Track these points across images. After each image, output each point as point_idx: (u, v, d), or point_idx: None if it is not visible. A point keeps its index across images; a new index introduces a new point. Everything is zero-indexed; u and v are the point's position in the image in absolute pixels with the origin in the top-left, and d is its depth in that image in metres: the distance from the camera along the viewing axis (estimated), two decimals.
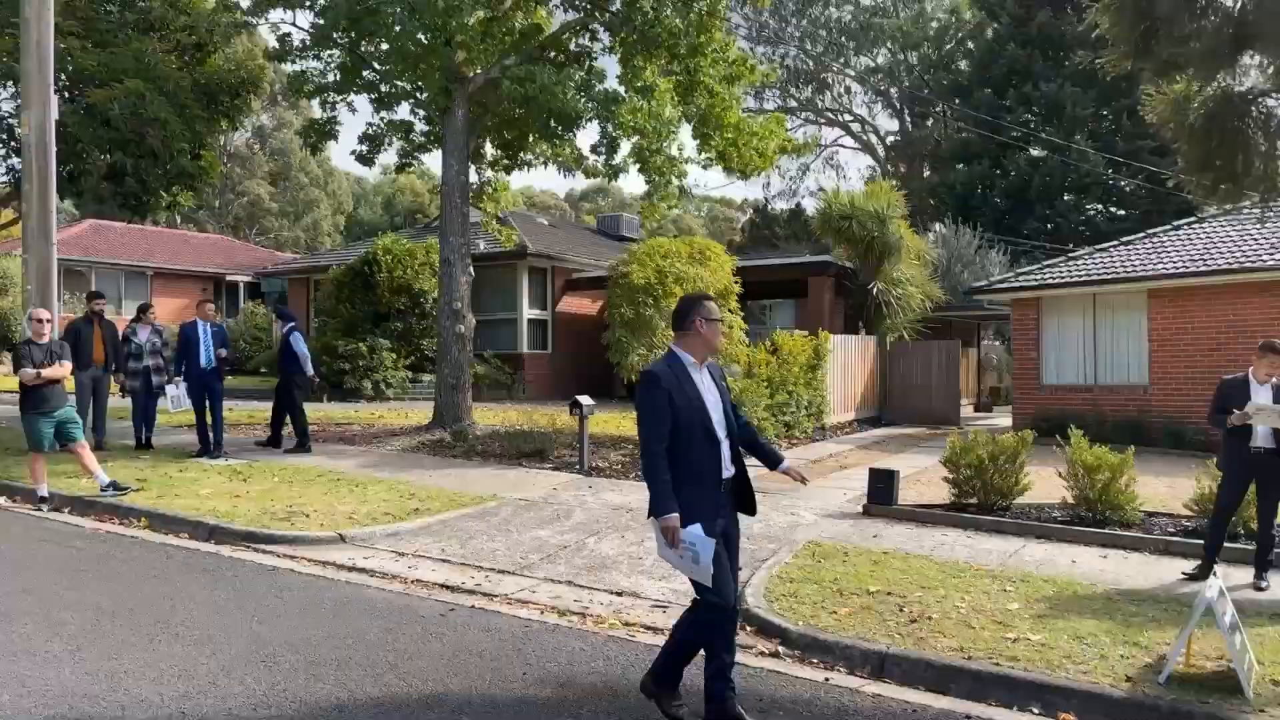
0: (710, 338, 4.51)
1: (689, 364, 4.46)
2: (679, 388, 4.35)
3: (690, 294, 4.84)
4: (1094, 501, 8.62)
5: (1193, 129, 6.04)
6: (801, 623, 5.92)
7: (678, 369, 4.43)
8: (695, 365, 4.48)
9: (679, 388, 4.35)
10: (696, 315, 4.45)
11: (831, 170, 63.19)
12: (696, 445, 4.33)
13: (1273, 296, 14.66)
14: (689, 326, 4.46)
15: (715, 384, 4.54)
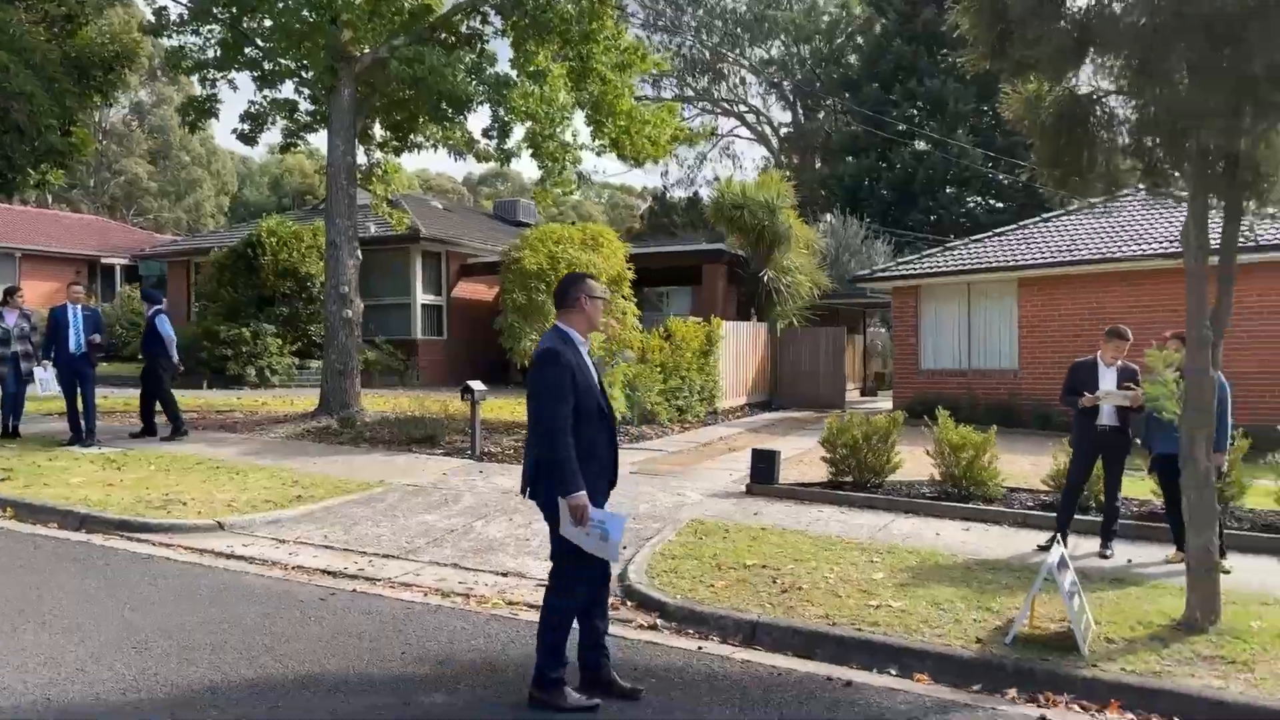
0: (593, 314, 4.55)
1: (579, 342, 4.49)
2: (578, 365, 4.36)
3: (571, 273, 4.91)
4: (959, 478, 9.11)
5: (1044, 126, 6.42)
6: (679, 596, 6.12)
7: (571, 347, 4.41)
8: (583, 342, 4.53)
9: (578, 365, 4.36)
10: (580, 292, 4.49)
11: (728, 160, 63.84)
12: (593, 424, 4.37)
13: (1132, 285, 15.63)
14: (573, 304, 4.49)
15: (592, 363, 4.61)
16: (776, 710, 4.49)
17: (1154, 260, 15.14)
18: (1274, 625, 5.59)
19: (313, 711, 4.31)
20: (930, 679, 5.05)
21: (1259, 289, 14.57)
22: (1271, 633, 5.45)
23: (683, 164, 53.68)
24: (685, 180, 55.05)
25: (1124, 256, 15.66)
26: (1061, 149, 6.30)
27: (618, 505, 8.91)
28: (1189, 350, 5.55)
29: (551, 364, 4.29)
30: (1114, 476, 7.59)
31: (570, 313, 4.51)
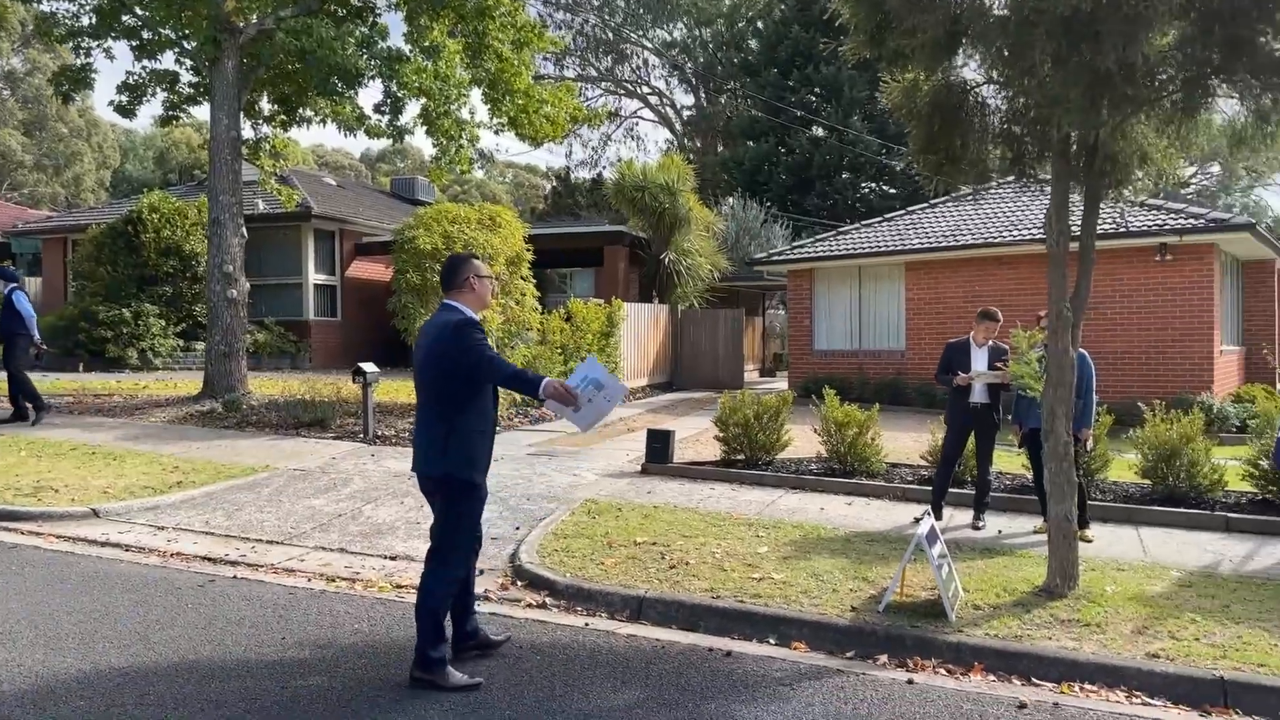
0: (483, 294, 4.59)
1: (478, 319, 4.53)
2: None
3: (457, 253, 4.88)
4: (844, 455, 9.41)
5: (919, 115, 6.66)
6: (569, 574, 6.18)
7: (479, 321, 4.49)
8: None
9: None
10: (469, 272, 4.52)
11: (633, 142, 64.17)
12: (488, 398, 4.48)
13: (1011, 269, 16.31)
14: (462, 284, 4.52)
15: None
16: (656, 681, 4.59)
17: (1030, 245, 15.82)
18: (1126, 589, 5.97)
19: (185, 698, 4.22)
20: (807, 647, 5.24)
21: (1127, 273, 15.39)
22: (1124, 596, 5.82)
23: (587, 145, 53.54)
24: (589, 161, 54.91)
25: (1002, 241, 16.30)
26: (935, 136, 6.54)
27: (514, 485, 8.93)
28: (1050, 330, 5.86)
29: (473, 326, 4.37)
30: (985, 451, 7.95)
31: (460, 292, 4.53)
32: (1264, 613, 5.60)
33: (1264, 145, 5.59)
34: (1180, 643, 5.09)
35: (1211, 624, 5.37)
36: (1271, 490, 8.25)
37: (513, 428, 13.10)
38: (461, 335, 4.33)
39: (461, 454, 4.37)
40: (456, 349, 4.33)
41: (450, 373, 4.35)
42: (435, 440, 4.39)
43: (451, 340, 4.35)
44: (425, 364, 4.44)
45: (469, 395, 4.37)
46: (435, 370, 4.39)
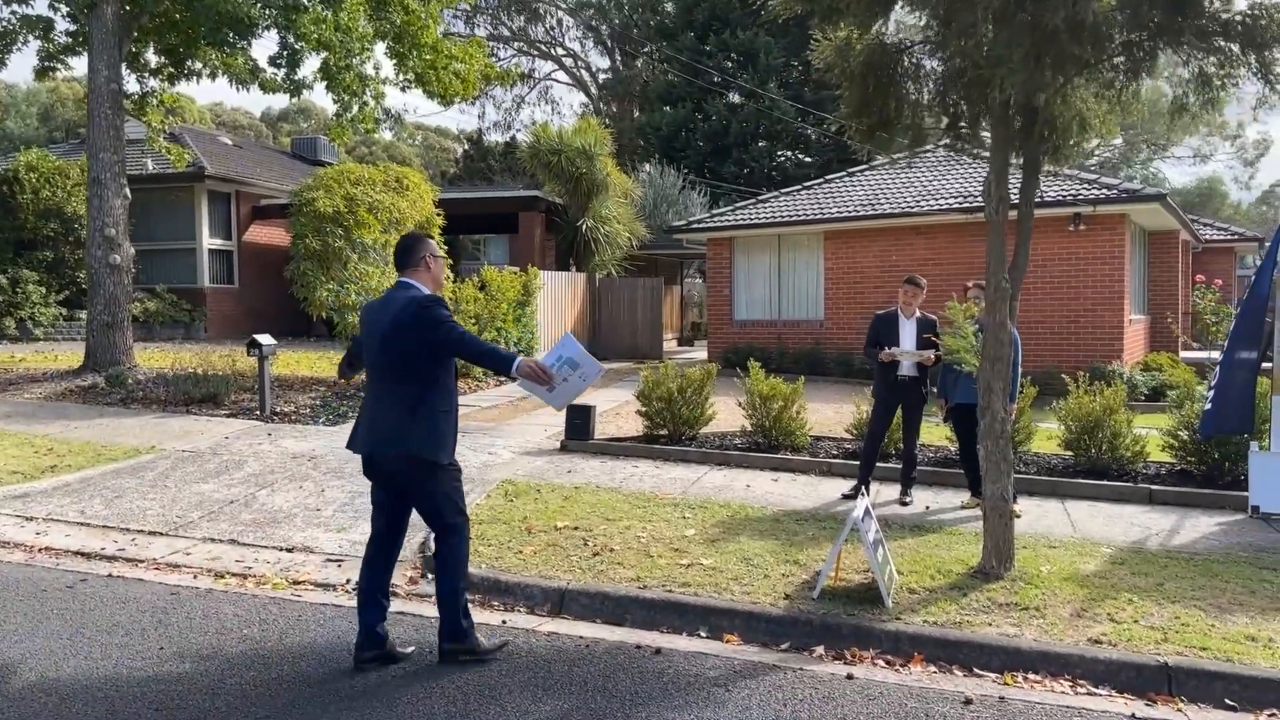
0: (438, 273, 4.54)
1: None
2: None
3: (412, 232, 4.78)
4: (769, 429, 9.15)
5: (852, 75, 6.32)
6: (485, 565, 5.74)
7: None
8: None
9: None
10: (425, 252, 4.46)
11: (547, 105, 62.81)
12: (452, 375, 4.42)
13: (927, 239, 16.30)
14: (418, 263, 4.43)
15: None
16: (580, 687, 4.22)
17: (947, 215, 15.82)
18: (1061, 569, 5.82)
19: None
20: (739, 639, 4.93)
21: (1041, 244, 15.50)
22: (1059, 576, 5.67)
23: (500, 106, 52.38)
24: (502, 124, 53.69)
25: (919, 211, 16.28)
26: (869, 99, 6.22)
27: None
28: (988, 303, 5.63)
29: (443, 304, 4.33)
30: (913, 425, 7.77)
31: (415, 271, 4.45)
32: (1196, 590, 5.51)
33: (1204, 111, 5.42)
34: (1120, 625, 4.94)
35: (1149, 604, 5.24)
36: (1190, 461, 8.29)
37: None
38: (428, 311, 4.24)
39: (428, 434, 4.28)
40: (424, 325, 4.22)
41: (414, 351, 4.24)
42: (399, 421, 4.26)
43: (416, 316, 4.23)
44: (386, 342, 4.29)
45: (435, 373, 4.30)
46: (399, 348, 4.27)
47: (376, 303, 4.53)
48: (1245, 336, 6.16)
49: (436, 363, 4.29)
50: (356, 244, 11.88)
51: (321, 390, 12.52)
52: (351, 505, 7.13)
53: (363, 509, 7.00)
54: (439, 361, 4.29)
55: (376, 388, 4.37)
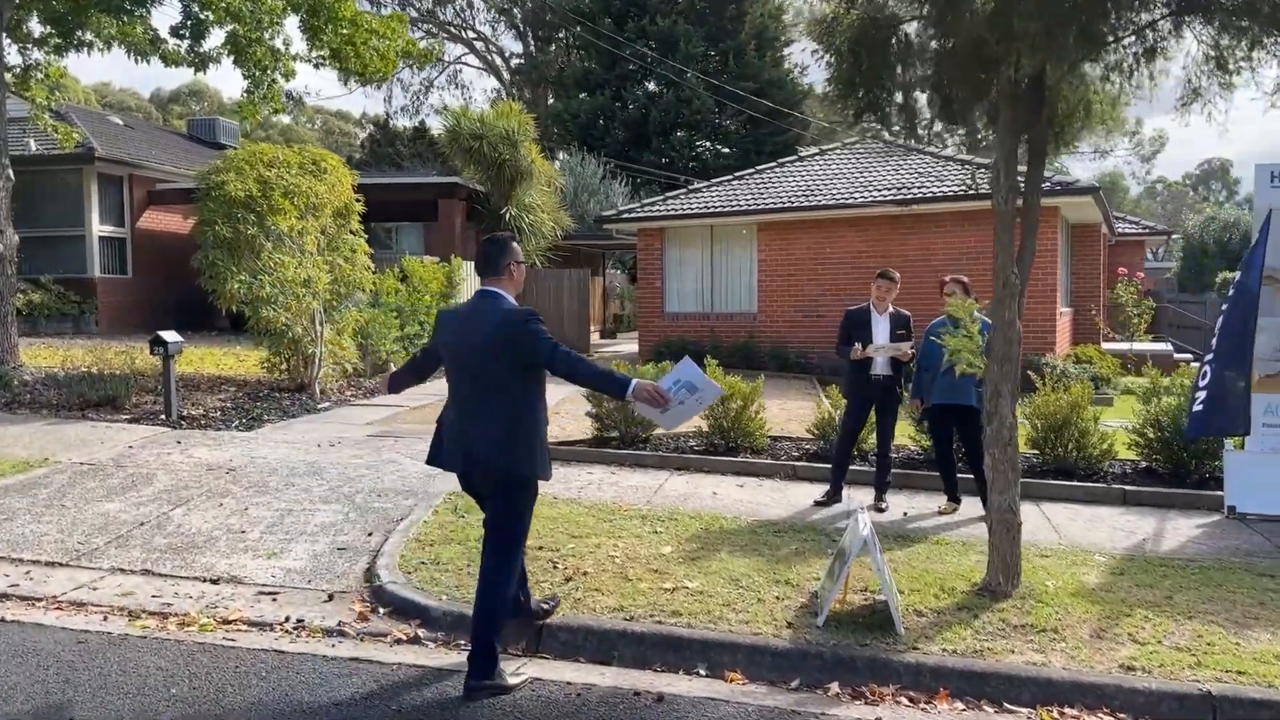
0: (520, 281, 4.44)
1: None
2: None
3: (498, 235, 4.52)
4: (728, 430, 8.68)
5: (839, 53, 5.86)
6: (445, 597, 5.09)
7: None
8: None
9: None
10: (511, 259, 4.35)
11: (457, 90, 61.29)
12: (545, 390, 4.32)
13: (863, 230, 16.08)
14: (503, 270, 4.33)
15: None
16: None
17: (884, 207, 15.63)
18: (1065, 583, 5.49)
19: None
20: (744, 677, 4.42)
21: (975, 236, 15.44)
22: (1067, 591, 5.33)
23: (408, 90, 50.76)
24: (410, 108, 52.20)
25: (854, 203, 16.05)
26: (862, 78, 5.76)
27: (361, 477, 7.66)
28: (995, 300, 5.22)
29: (540, 319, 4.22)
30: (887, 427, 7.38)
31: (499, 279, 4.34)
32: (1206, 602, 5.24)
33: (1219, 97, 5.11)
34: (1145, 648, 4.60)
35: (1166, 621, 4.93)
36: (1157, 459, 8.14)
37: (345, 402, 11.66)
38: (529, 327, 4.15)
39: (530, 450, 4.23)
40: (526, 340, 4.13)
41: (518, 366, 4.17)
42: (501, 439, 4.18)
43: (519, 331, 4.14)
44: (489, 352, 4.17)
45: (535, 389, 4.26)
46: (506, 362, 4.16)
47: (460, 312, 4.43)
48: (1237, 336, 5.93)
49: (538, 380, 4.26)
50: (271, 231, 10.91)
51: (231, 391, 11.54)
52: (280, 525, 6.35)
53: (294, 529, 6.25)
54: (540, 379, 4.26)
55: (470, 403, 4.25)
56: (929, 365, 7.07)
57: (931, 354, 7.04)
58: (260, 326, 11.06)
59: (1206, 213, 36.98)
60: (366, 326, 13.37)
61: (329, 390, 12.08)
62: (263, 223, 10.75)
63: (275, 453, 8.41)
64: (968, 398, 6.90)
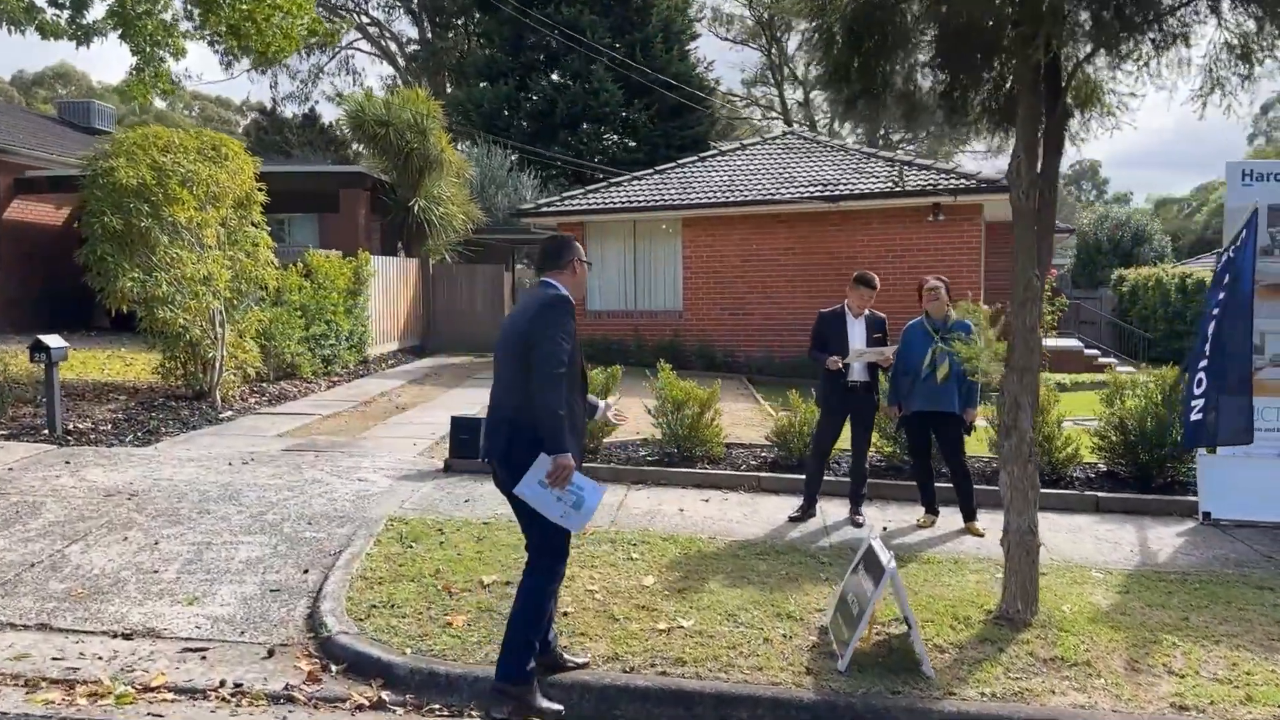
0: (583, 279, 4.32)
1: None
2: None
3: (559, 234, 4.64)
4: (683, 439, 8.15)
5: (831, 35, 5.38)
6: (409, 649, 4.39)
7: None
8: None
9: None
10: (573, 256, 4.20)
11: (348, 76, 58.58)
12: (577, 388, 4.08)
13: (790, 226, 15.80)
14: (565, 266, 4.17)
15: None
16: None
17: (812, 203, 15.38)
18: (1078, 605, 5.15)
19: None
20: None
21: (900, 234, 15.34)
22: (1084, 616, 4.98)
23: (295, 76, 48.55)
24: (299, 95, 49.96)
25: (782, 200, 15.74)
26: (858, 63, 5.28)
27: (285, 500, 6.83)
28: (1016, 304, 4.82)
29: (566, 310, 3.99)
30: (863, 436, 6.96)
31: (560, 274, 4.17)
32: (1222, 623, 4.98)
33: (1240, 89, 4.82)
34: (1186, 681, 4.27)
35: (1194, 647, 4.62)
36: (1120, 463, 7.99)
37: (249, 410, 10.67)
38: (548, 311, 3.94)
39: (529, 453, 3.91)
40: (534, 320, 3.93)
41: (523, 353, 3.90)
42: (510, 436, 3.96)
43: (542, 313, 3.94)
44: (518, 338, 3.98)
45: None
46: (513, 349, 4.00)
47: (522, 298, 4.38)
48: (1236, 342, 5.71)
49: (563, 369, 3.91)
50: (167, 224, 9.83)
51: (122, 400, 10.42)
52: (199, 563, 5.51)
53: (216, 567, 5.42)
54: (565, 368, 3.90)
55: (494, 394, 4.14)
56: (908, 370, 6.67)
57: (910, 358, 6.65)
58: (155, 328, 9.98)
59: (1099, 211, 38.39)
60: (270, 327, 12.33)
61: (231, 397, 11.05)
62: (158, 214, 9.67)
63: (182, 473, 7.46)
64: (950, 404, 6.54)
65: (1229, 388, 5.64)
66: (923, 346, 6.57)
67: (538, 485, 3.83)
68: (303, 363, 13.14)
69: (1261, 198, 6.76)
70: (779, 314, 15.92)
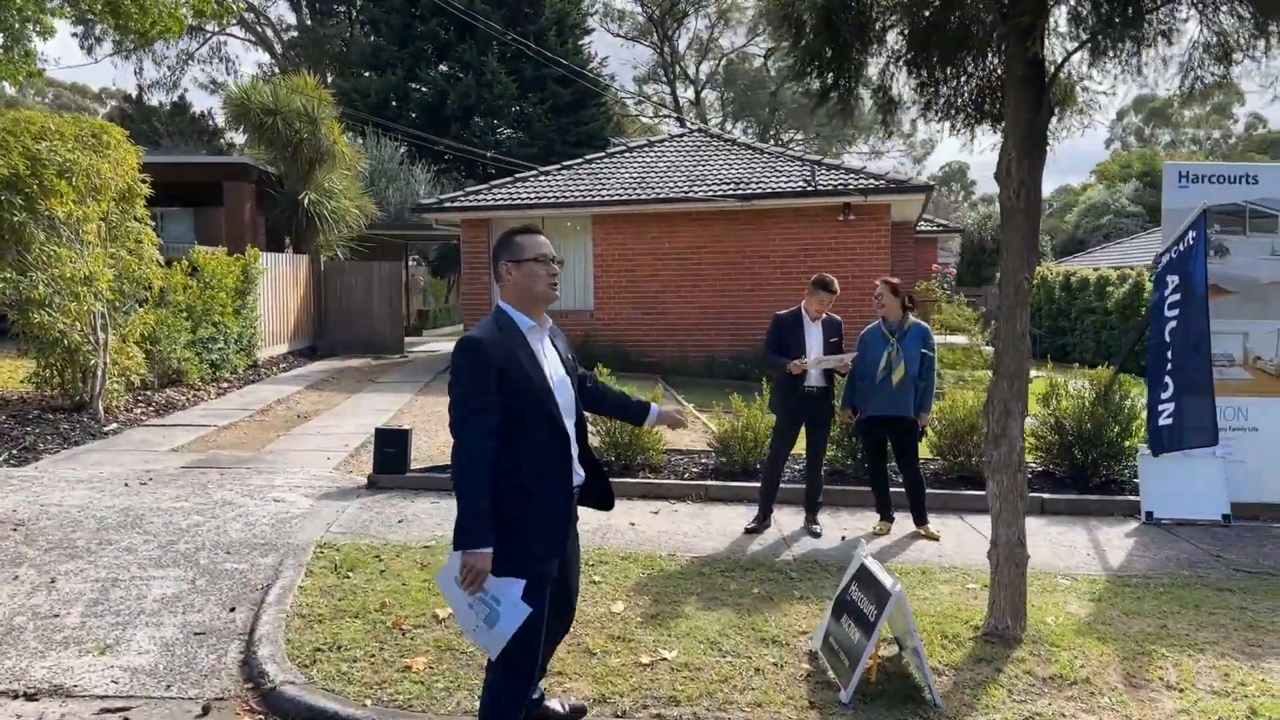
0: (521, 284, 3.21)
1: (525, 326, 3.20)
2: (510, 356, 3.08)
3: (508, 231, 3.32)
4: (624, 447, 7.79)
5: (800, 23, 5.11)
6: (370, 700, 3.89)
7: (511, 332, 3.16)
8: (531, 325, 3.21)
9: (510, 356, 3.08)
10: (503, 256, 3.25)
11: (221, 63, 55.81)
12: (539, 439, 3.12)
13: (703, 225, 15.61)
14: (499, 274, 3.26)
15: (560, 355, 3.33)
16: None
17: (724, 202, 15.22)
18: (1061, 618, 5.03)
19: None
20: None
21: (810, 234, 15.34)
22: (1070, 629, 4.85)
23: (161, 62, 45.90)
24: (165, 83, 47.29)
25: (694, 198, 15.53)
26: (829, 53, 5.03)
27: (196, 527, 6.14)
28: (1007, 308, 4.64)
29: (472, 355, 3.05)
30: (820, 442, 6.74)
31: (502, 287, 3.25)
32: (1199, 629, 4.94)
33: (1216, 90, 4.78)
34: (1186, 696, 4.17)
35: (1183, 659, 4.55)
36: (1056, 462, 8.03)
37: (135, 422, 9.78)
38: (453, 363, 3.13)
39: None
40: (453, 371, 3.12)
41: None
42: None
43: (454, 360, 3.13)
44: None
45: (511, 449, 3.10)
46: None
47: None
48: (1195, 343, 5.72)
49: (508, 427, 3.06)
50: (44, 218, 8.86)
51: None
52: (106, 603, 4.84)
53: (126, 608, 4.78)
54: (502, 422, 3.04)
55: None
56: (865, 375, 6.49)
57: (866, 364, 6.47)
58: (30, 332, 8.99)
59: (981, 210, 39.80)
60: (155, 331, 11.36)
61: (115, 408, 10.10)
62: (33, 207, 8.69)
63: (72, 496, 6.66)
64: (907, 409, 6.39)
65: (1192, 390, 5.63)
66: (879, 351, 6.40)
67: (452, 581, 3.03)
68: (190, 368, 12.19)
69: (1199, 199, 6.84)
70: (693, 313, 15.73)
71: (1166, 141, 60.34)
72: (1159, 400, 6.00)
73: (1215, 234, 7.01)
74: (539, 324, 3.21)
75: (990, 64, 4.80)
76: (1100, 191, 41.89)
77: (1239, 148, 58.59)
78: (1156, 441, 6.19)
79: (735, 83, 51.29)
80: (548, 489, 3.12)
